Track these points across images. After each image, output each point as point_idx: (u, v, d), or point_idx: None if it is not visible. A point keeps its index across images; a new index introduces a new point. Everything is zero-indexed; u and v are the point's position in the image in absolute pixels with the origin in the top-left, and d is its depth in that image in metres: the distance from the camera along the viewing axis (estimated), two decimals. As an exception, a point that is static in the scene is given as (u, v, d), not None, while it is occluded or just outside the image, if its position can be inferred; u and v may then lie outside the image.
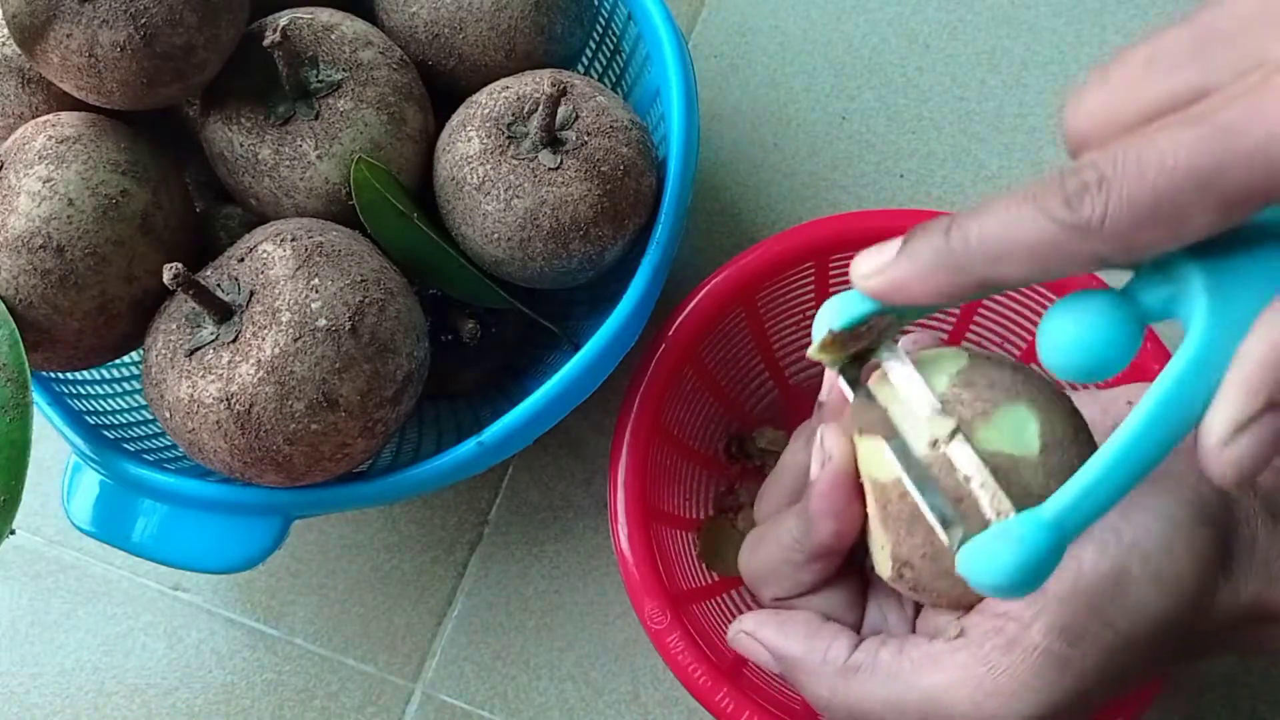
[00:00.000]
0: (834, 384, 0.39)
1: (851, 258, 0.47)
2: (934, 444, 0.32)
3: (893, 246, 0.30)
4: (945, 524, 0.31)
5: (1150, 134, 0.26)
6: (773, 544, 0.38)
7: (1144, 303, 0.30)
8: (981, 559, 0.29)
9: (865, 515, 0.36)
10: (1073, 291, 0.30)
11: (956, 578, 0.31)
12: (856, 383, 0.34)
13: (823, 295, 0.49)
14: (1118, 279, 0.30)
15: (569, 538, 0.53)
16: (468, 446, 0.44)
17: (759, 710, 0.40)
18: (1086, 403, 0.36)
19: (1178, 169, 0.26)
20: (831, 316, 0.33)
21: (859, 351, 0.34)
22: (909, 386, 0.33)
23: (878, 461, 0.34)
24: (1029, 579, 0.29)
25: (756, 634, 0.37)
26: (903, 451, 0.33)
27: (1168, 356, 0.44)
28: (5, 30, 0.44)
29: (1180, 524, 0.34)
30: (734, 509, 0.50)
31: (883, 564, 0.35)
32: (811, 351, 0.34)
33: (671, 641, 0.41)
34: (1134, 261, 0.28)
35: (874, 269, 0.30)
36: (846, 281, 0.48)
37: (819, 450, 0.36)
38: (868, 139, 0.58)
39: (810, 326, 0.50)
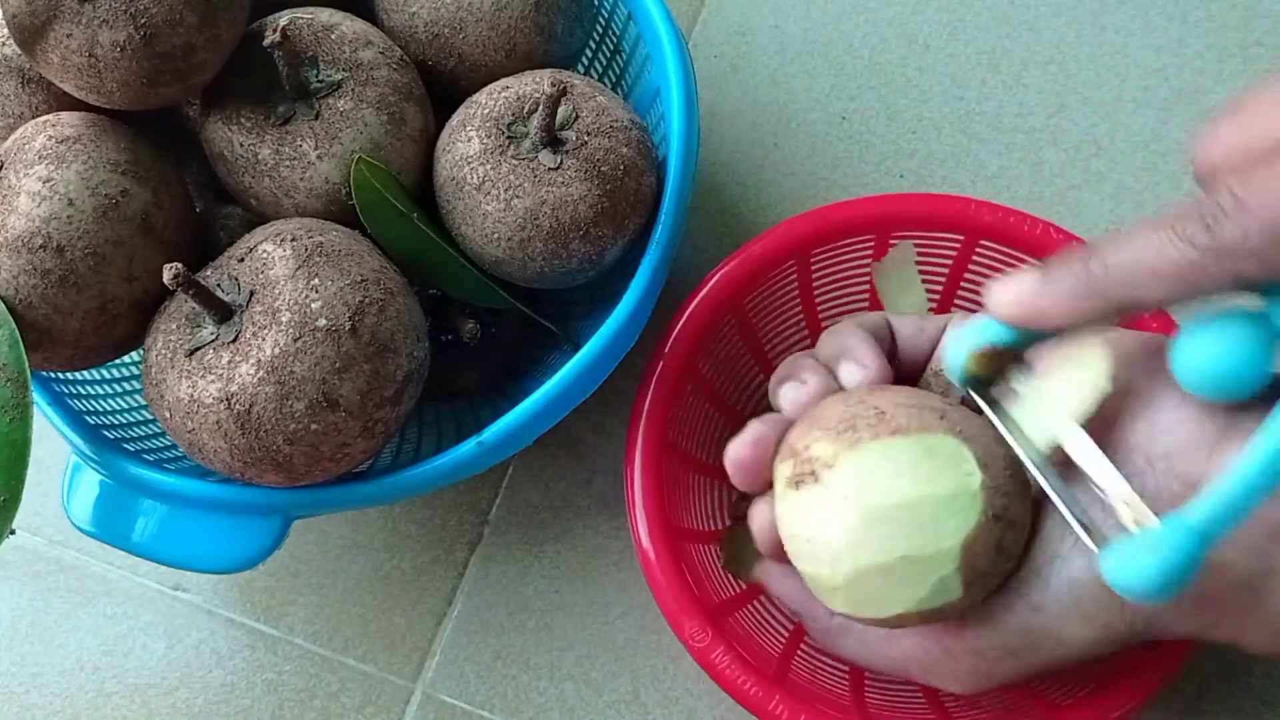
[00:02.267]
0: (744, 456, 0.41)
1: (831, 252, 0.48)
2: (1058, 454, 0.34)
3: (1030, 276, 0.33)
4: (1088, 532, 0.33)
5: None
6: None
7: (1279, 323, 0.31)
8: (1128, 567, 0.31)
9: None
10: (1203, 314, 0.32)
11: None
12: (988, 401, 0.36)
13: (807, 291, 0.49)
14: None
15: (569, 538, 0.53)
16: (468, 446, 0.44)
17: (814, 713, 0.41)
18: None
19: None
20: (978, 337, 0.35)
21: (986, 374, 0.36)
22: (1044, 400, 0.35)
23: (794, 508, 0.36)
24: (1173, 585, 0.31)
25: (768, 586, 0.43)
26: (1040, 462, 0.35)
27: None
28: (5, 30, 0.44)
29: (1082, 586, 0.35)
30: (748, 514, 0.50)
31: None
32: (952, 375, 0.36)
33: (717, 658, 0.41)
34: (1275, 279, 0.30)
35: (1015, 298, 0.33)
36: (830, 274, 0.49)
37: (757, 529, 0.39)
38: (868, 139, 0.58)
39: (796, 324, 0.50)
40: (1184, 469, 0.33)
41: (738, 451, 0.39)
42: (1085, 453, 0.34)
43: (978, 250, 0.47)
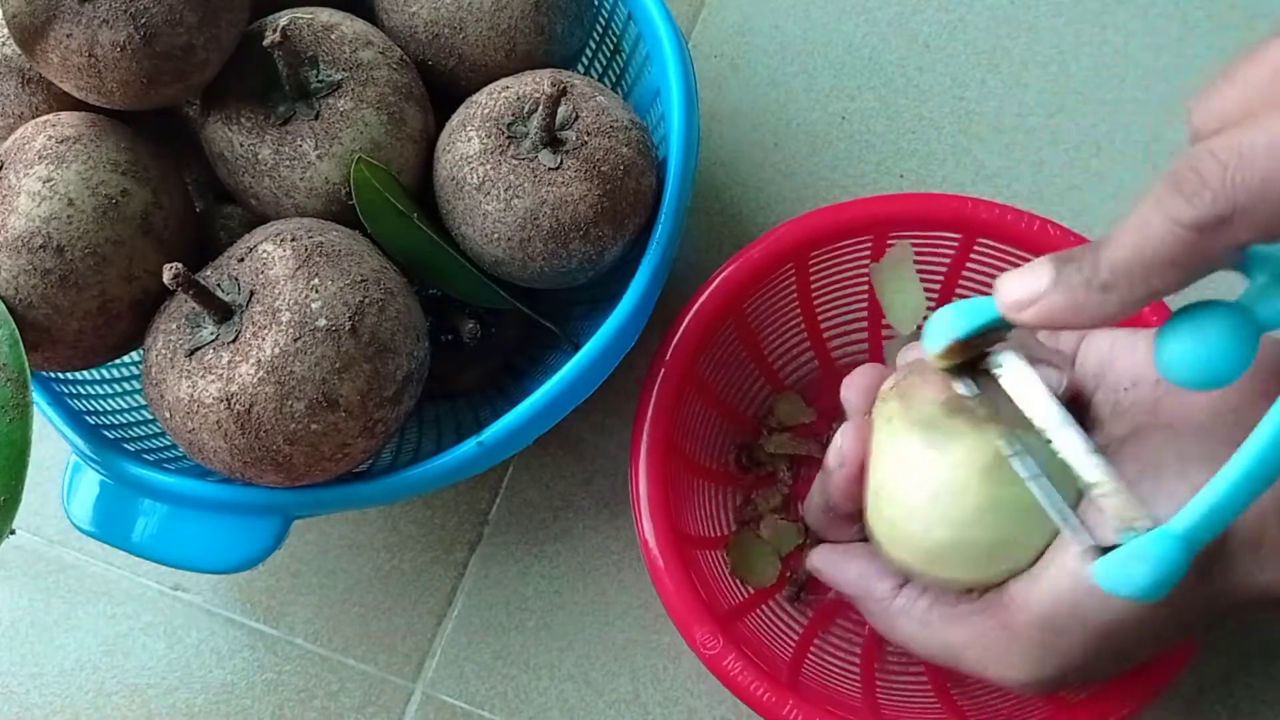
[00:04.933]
0: (857, 383, 0.41)
1: (829, 253, 0.48)
2: (1051, 448, 0.34)
3: (1042, 276, 0.31)
4: (1072, 530, 0.33)
5: (1275, 118, 0.27)
6: (813, 510, 0.43)
7: (1261, 314, 0.31)
8: (1119, 574, 0.32)
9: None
10: (1187, 305, 0.31)
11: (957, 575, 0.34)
12: (971, 385, 0.36)
13: (805, 293, 0.49)
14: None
15: (569, 538, 0.53)
16: (468, 446, 0.44)
17: (828, 716, 0.41)
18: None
19: None
20: (947, 328, 0.35)
21: (971, 359, 0.36)
22: (1030, 393, 0.34)
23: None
24: (1160, 590, 0.32)
25: (822, 570, 0.42)
26: (1023, 456, 0.34)
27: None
28: (5, 30, 0.44)
29: None
30: (755, 519, 0.50)
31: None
32: (933, 358, 0.36)
33: (729, 664, 0.41)
34: (1273, 239, 0.28)
35: (1028, 300, 0.31)
36: (828, 276, 0.49)
37: (836, 451, 0.39)
38: (868, 139, 0.58)
39: (795, 327, 0.50)
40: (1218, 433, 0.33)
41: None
42: (1072, 443, 0.33)
43: (976, 248, 0.47)
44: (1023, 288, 0.32)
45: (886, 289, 0.49)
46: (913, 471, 0.37)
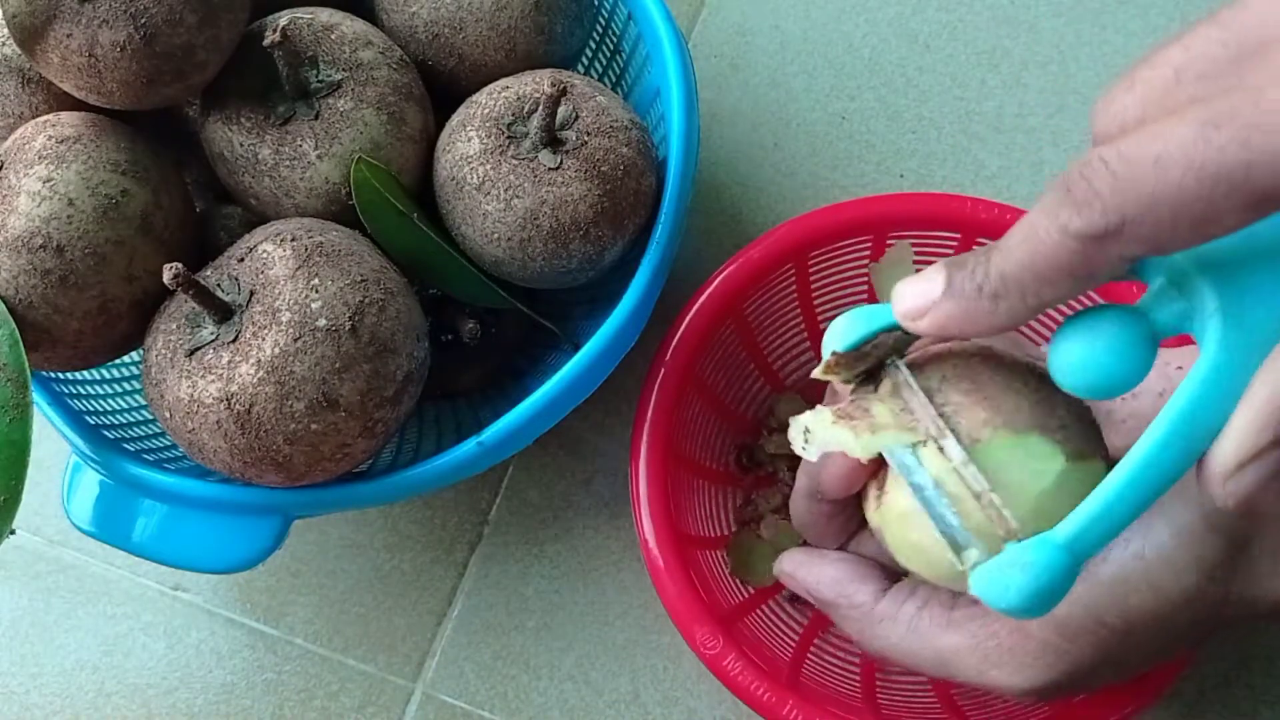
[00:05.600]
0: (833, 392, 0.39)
1: (828, 254, 0.48)
2: (943, 460, 0.32)
3: (935, 283, 0.30)
4: (955, 547, 0.31)
5: (1167, 126, 0.25)
6: (798, 500, 0.40)
7: (1157, 319, 0.29)
8: (996, 583, 0.30)
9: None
10: (1083, 309, 0.30)
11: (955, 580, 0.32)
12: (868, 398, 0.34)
13: (805, 294, 0.49)
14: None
15: (569, 538, 0.53)
16: (468, 446, 0.44)
17: (829, 716, 0.40)
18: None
19: (1203, 166, 0.24)
20: (835, 338, 0.33)
21: (869, 369, 0.34)
22: (917, 405, 0.33)
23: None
24: (1043, 603, 0.29)
25: (794, 575, 0.40)
26: (910, 470, 0.32)
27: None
28: (5, 30, 0.44)
29: (1189, 532, 0.34)
30: (755, 519, 0.50)
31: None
32: (817, 373, 0.34)
33: (729, 664, 0.41)
34: (1165, 254, 0.27)
35: (921, 308, 0.30)
36: (828, 276, 0.49)
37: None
38: (868, 139, 0.58)
39: (795, 327, 0.50)
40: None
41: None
42: (952, 452, 0.32)
43: (975, 248, 0.47)
44: (915, 295, 0.30)
45: (886, 289, 0.49)
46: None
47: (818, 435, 0.33)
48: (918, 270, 0.48)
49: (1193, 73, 0.27)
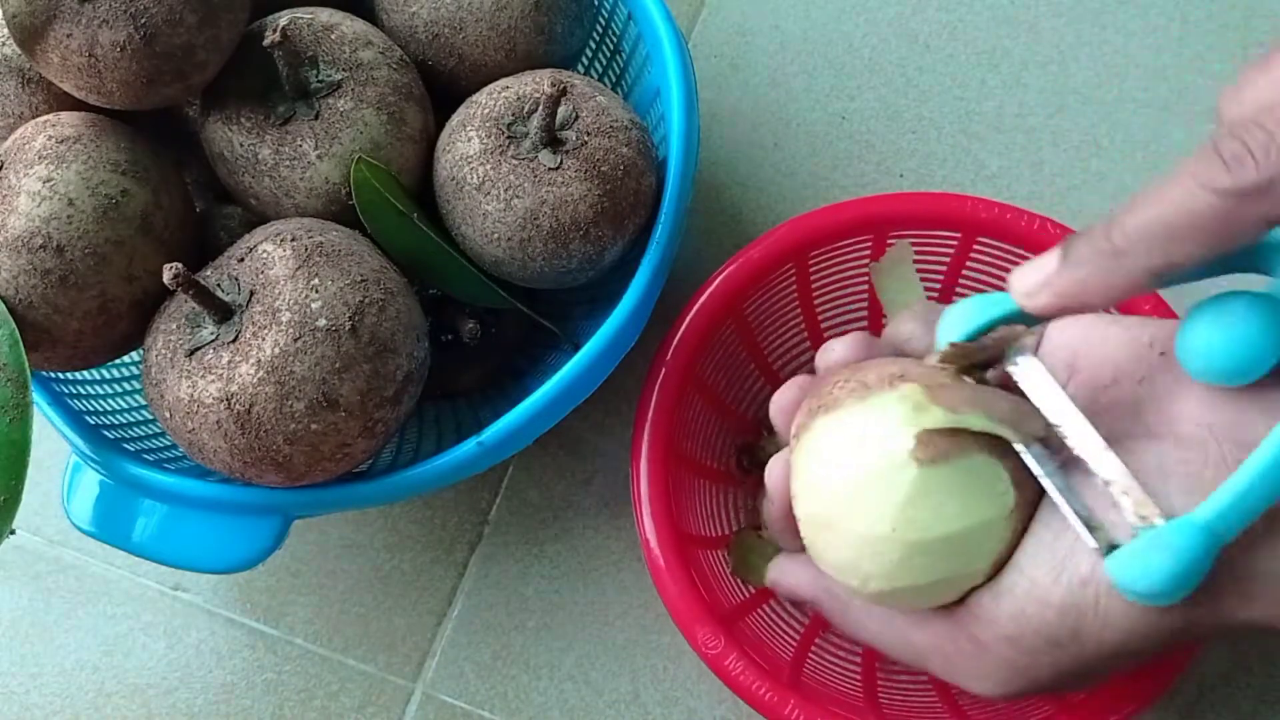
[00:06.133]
0: (780, 403, 0.40)
1: (829, 253, 0.48)
2: (1064, 449, 0.32)
3: (1051, 259, 0.30)
4: (1090, 528, 0.32)
5: None
6: (770, 520, 0.40)
7: None
8: (1134, 566, 0.30)
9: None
10: (1215, 294, 0.30)
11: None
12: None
13: (805, 293, 0.49)
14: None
15: (569, 538, 0.53)
16: (468, 446, 0.44)
17: (830, 716, 0.40)
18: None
19: None
20: (952, 327, 0.33)
21: (985, 360, 0.34)
22: (1043, 392, 0.33)
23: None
24: (1182, 586, 0.30)
25: (779, 582, 0.41)
26: (1039, 458, 0.33)
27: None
28: (5, 30, 0.44)
29: None
30: (757, 520, 0.50)
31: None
32: (931, 360, 0.34)
33: (730, 664, 0.41)
34: None
35: (1038, 284, 0.30)
36: (828, 275, 0.49)
37: (769, 479, 0.39)
38: (868, 139, 0.58)
39: (795, 327, 0.50)
40: (1209, 452, 0.31)
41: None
42: (1084, 439, 0.32)
43: (975, 247, 0.47)
44: (1033, 270, 0.31)
45: (886, 288, 0.49)
46: (835, 523, 0.34)
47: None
48: (917, 270, 0.49)
49: None
